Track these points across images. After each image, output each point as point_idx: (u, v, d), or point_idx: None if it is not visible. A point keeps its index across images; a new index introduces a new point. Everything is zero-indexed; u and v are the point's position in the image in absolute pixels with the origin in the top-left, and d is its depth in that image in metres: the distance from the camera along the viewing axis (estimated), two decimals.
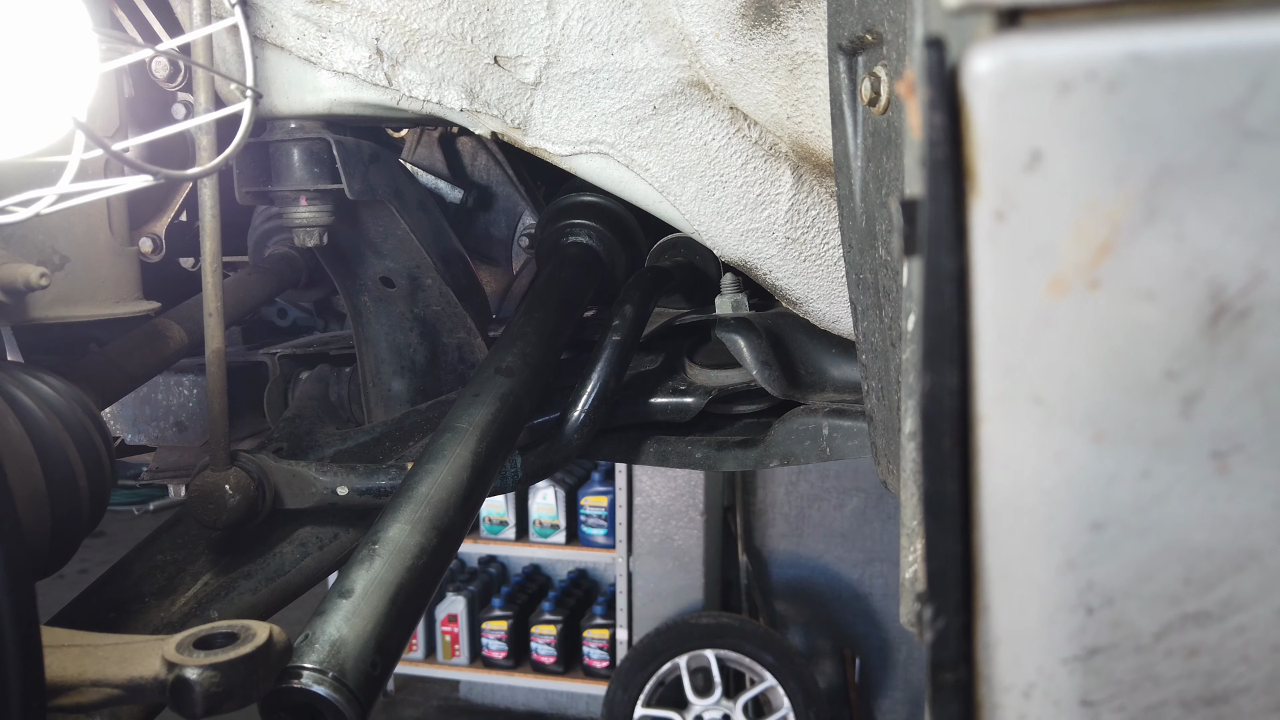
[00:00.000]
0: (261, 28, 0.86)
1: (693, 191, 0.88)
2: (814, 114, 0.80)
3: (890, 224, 0.61)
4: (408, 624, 0.63)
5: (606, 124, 0.87)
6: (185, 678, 0.50)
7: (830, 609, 3.60)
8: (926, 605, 0.30)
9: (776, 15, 0.77)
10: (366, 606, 0.60)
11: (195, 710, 0.50)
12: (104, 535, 5.56)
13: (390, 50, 0.86)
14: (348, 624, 0.59)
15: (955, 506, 0.29)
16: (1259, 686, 0.30)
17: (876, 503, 3.49)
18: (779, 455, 1.02)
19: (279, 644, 0.53)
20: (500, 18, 0.84)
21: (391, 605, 0.61)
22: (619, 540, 3.66)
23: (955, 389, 0.28)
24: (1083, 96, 0.25)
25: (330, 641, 0.57)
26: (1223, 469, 0.28)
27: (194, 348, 0.85)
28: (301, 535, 0.89)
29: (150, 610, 0.81)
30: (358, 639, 0.58)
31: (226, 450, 0.83)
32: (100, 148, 0.57)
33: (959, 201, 0.27)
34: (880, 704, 3.64)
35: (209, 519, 0.81)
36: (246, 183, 0.96)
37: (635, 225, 1.15)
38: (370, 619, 0.59)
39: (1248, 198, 0.26)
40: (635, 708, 3.25)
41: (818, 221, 0.88)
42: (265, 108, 0.90)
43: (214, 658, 0.51)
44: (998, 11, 0.26)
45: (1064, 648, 0.30)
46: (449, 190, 1.24)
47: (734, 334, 0.97)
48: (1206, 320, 0.27)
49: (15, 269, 0.68)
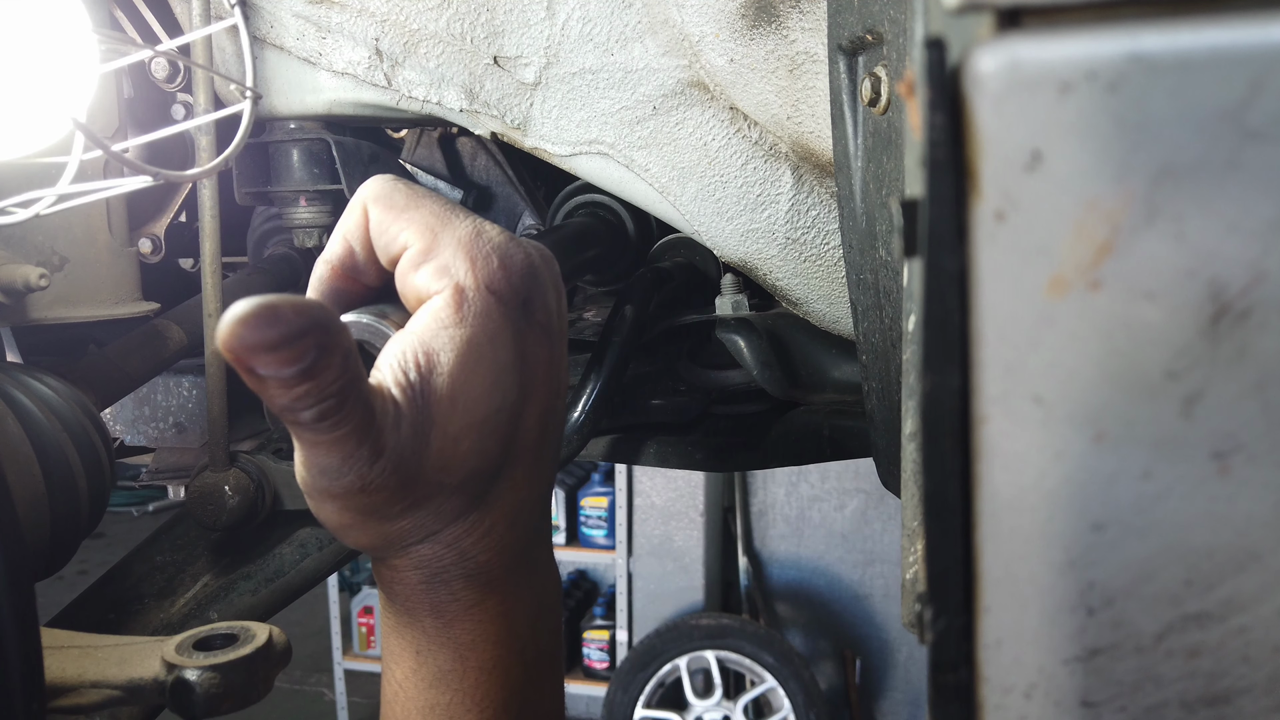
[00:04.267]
0: (261, 28, 0.86)
1: (693, 192, 0.88)
2: (814, 114, 0.80)
3: (890, 224, 0.61)
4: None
5: (606, 124, 0.87)
6: (185, 679, 0.50)
7: (830, 610, 3.59)
8: (927, 606, 0.30)
9: (776, 15, 0.77)
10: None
11: (195, 711, 0.50)
12: (104, 536, 5.56)
13: (390, 50, 0.86)
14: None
15: (956, 507, 0.29)
16: (1260, 687, 0.30)
17: (877, 504, 3.49)
18: (779, 456, 1.02)
19: (279, 645, 0.53)
20: (500, 18, 0.84)
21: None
22: (619, 541, 3.66)
23: (956, 389, 0.28)
24: (1083, 97, 0.25)
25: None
26: (1223, 469, 0.28)
27: (194, 348, 0.85)
28: (301, 536, 0.89)
29: (150, 611, 0.81)
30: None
31: (226, 451, 0.83)
32: (100, 148, 0.57)
33: (959, 202, 0.27)
34: (881, 705, 3.64)
35: (208, 520, 0.81)
36: (246, 183, 0.96)
37: (627, 218, 1.18)
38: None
39: (1248, 198, 0.26)
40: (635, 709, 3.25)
41: (818, 222, 0.88)
42: (265, 108, 0.90)
43: (214, 659, 0.51)
44: (998, 12, 0.26)
45: (1065, 648, 0.30)
46: (449, 190, 1.24)
47: (734, 334, 0.97)
48: (1207, 320, 0.26)
49: (15, 270, 0.68)
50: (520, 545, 0.48)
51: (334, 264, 0.46)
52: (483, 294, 0.43)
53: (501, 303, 0.43)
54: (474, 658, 0.46)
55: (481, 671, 0.47)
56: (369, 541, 0.44)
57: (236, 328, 0.34)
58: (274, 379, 0.36)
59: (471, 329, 0.42)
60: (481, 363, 0.42)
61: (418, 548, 0.45)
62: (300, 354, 0.36)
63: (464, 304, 0.42)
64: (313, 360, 0.36)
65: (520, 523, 0.47)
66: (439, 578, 0.45)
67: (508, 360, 0.44)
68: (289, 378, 0.36)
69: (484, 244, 0.44)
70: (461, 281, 0.42)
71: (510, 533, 0.47)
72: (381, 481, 0.40)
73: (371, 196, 0.45)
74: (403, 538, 0.44)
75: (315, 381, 0.37)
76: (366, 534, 0.44)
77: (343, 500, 0.41)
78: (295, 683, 4.42)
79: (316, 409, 0.37)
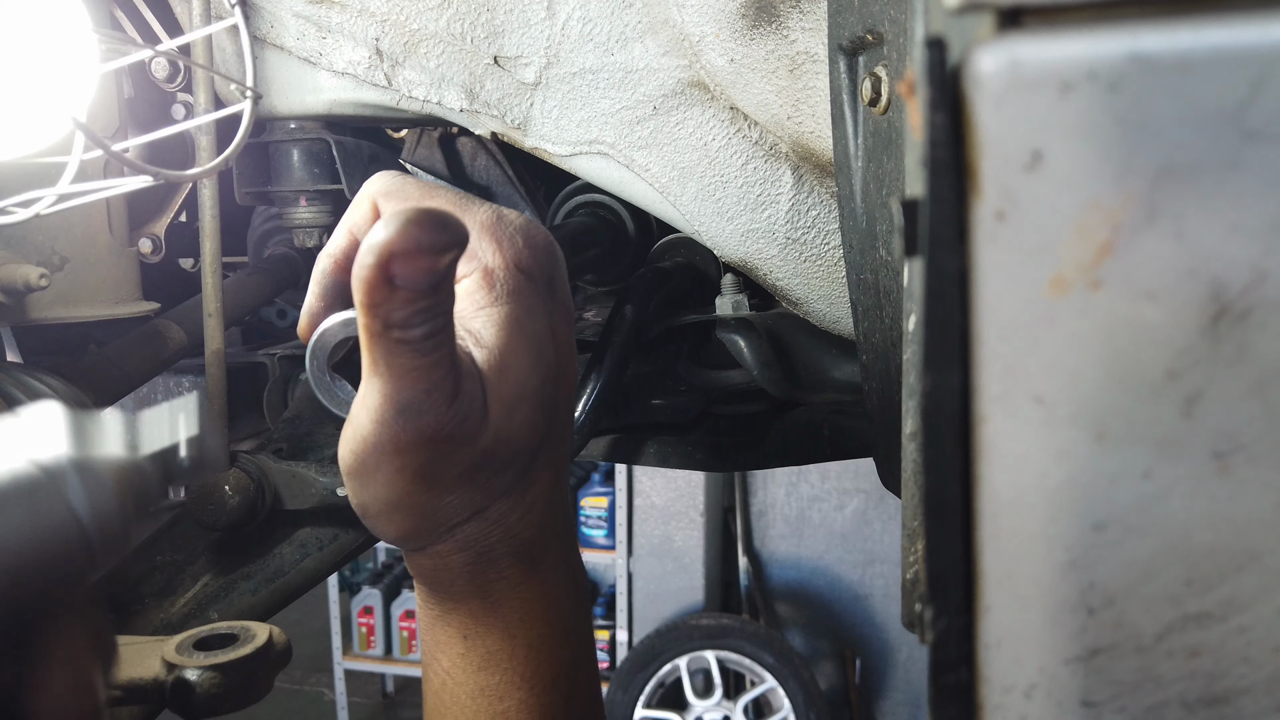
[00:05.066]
0: (261, 28, 0.86)
1: (693, 192, 0.88)
2: (814, 114, 0.80)
3: (890, 224, 0.61)
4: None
5: (607, 124, 0.87)
6: (185, 679, 0.50)
7: (831, 610, 3.59)
8: (927, 606, 0.30)
9: (777, 15, 0.77)
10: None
11: (195, 711, 0.50)
12: None
13: (390, 50, 0.86)
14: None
15: (956, 507, 0.29)
16: (1260, 687, 0.30)
17: (877, 504, 3.49)
18: (779, 456, 1.02)
19: (279, 645, 0.53)
20: (500, 18, 0.84)
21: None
22: (619, 541, 3.66)
23: (956, 389, 0.28)
24: (1083, 97, 0.25)
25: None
26: (1224, 469, 0.28)
27: (194, 348, 0.85)
28: (301, 536, 0.89)
29: (149, 611, 0.81)
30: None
31: (226, 451, 0.83)
32: (100, 148, 0.57)
33: (960, 201, 0.27)
34: (881, 705, 3.63)
35: (208, 520, 0.81)
36: (246, 183, 0.96)
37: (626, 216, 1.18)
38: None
39: (1249, 198, 0.26)
40: (635, 709, 3.25)
41: (818, 222, 0.88)
42: (265, 108, 0.90)
43: (214, 659, 0.51)
44: (999, 11, 0.26)
45: (1066, 648, 0.30)
46: None
47: (734, 334, 0.97)
48: (1208, 320, 0.26)
49: (15, 270, 0.68)
50: (557, 523, 0.48)
51: (337, 257, 0.46)
52: (512, 272, 0.44)
53: (531, 280, 0.44)
54: (522, 636, 0.47)
55: (530, 649, 0.47)
56: (414, 524, 0.44)
57: (410, 228, 0.35)
58: (408, 288, 0.36)
59: (508, 305, 0.43)
60: (523, 336, 0.43)
61: (464, 527, 0.45)
62: (447, 263, 0.36)
63: (495, 283, 0.43)
64: (446, 273, 0.37)
65: (556, 500, 0.48)
66: (485, 557, 0.46)
67: (545, 334, 0.45)
68: (424, 287, 0.36)
69: (506, 226, 0.44)
70: (490, 263, 0.43)
71: (548, 510, 0.47)
72: (452, 429, 0.40)
73: (381, 190, 0.45)
74: (449, 516, 0.44)
75: (439, 297, 0.37)
76: (414, 513, 0.43)
77: (408, 454, 0.41)
78: (295, 683, 4.42)
79: (429, 324, 0.37)
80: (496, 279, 0.43)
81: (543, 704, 0.47)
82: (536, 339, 0.44)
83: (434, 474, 0.42)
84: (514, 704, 0.47)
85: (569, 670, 0.49)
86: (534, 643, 0.47)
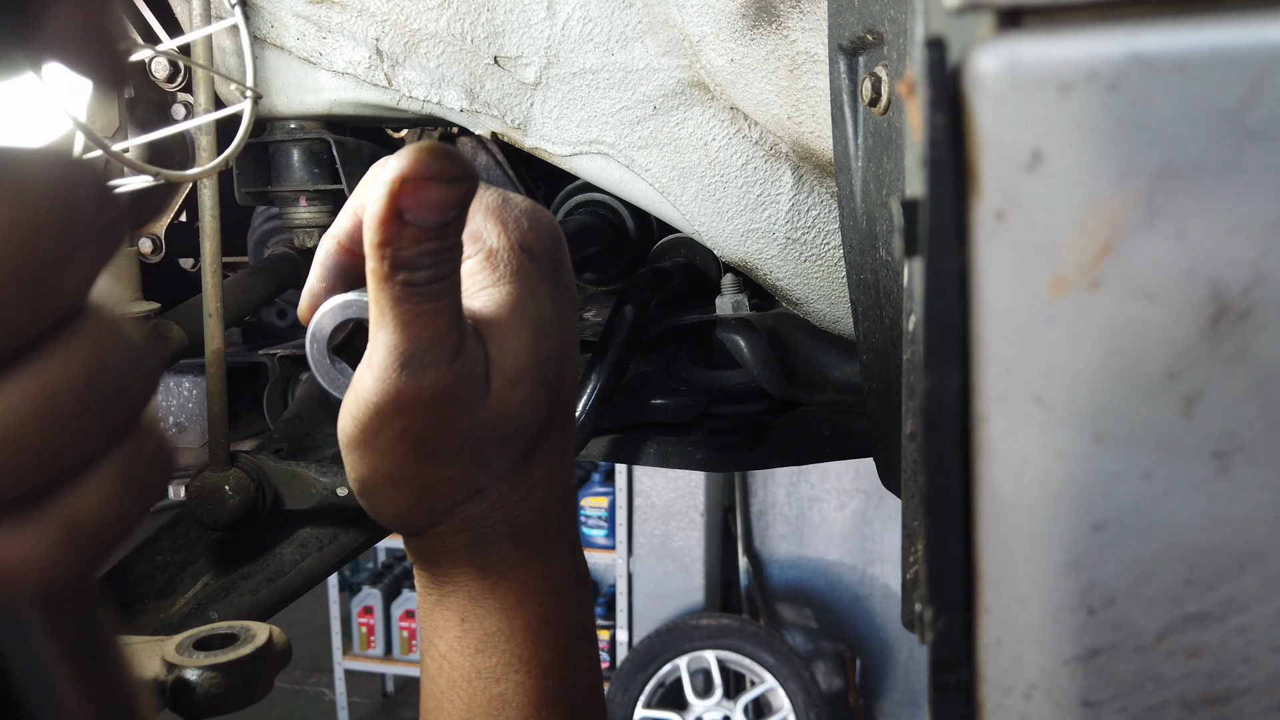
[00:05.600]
0: (261, 28, 0.86)
1: (693, 192, 0.88)
2: (814, 114, 0.80)
3: (890, 224, 0.61)
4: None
5: (607, 124, 0.87)
6: (185, 679, 0.50)
7: (831, 610, 3.59)
8: (927, 606, 0.30)
9: (777, 15, 0.77)
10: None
11: (195, 711, 0.50)
12: None
13: (390, 50, 0.86)
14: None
15: (956, 507, 0.29)
16: (1260, 687, 0.30)
17: (877, 504, 3.49)
18: (779, 456, 1.02)
19: (279, 645, 0.54)
20: (500, 18, 0.84)
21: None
22: (619, 541, 3.66)
23: (956, 389, 0.28)
24: (1083, 97, 0.25)
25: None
26: (1223, 469, 0.28)
27: (194, 348, 0.85)
28: (301, 536, 0.89)
29: (150, 611, 0.81)
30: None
31: (226, 451, 0.83)
32: (100, 148, 0.57)
33: (960, 202, 0.27)
34: (881, 705, 3.63)
35: (208, 520, 0.81)
36: (246, 183, 0.96)
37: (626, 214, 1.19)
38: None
39: (1249, 198, 0.26)
40: (635, 709, 3.25)
41: (818, 222, 0.88)
42: (265, 108, 0.90)
43: (214, 659, 0.51)
44: (998, 11, 0.26)
45: (1066, 648, 0.30)
46: None
47: (734, 334, 0.97)
48: (1208, 320, 0.27)
49: None
50: (559, 510, 0.48)
51: (342, 239, 0.46)
52: (517, 253, 0.44)
53: (535, 261, 0.45)
54: (520, 618, 0.47)
55: (528, 631, 0.47)
56: (413, 500, 0.44)
57: (421, 154, 0.36)
58: (416, 225, 0.37)
59: (511, 284, 0.43)
60: (526, 314, 0.43)
61: (464, 507, 0.45)
62: (456, 201, 0.37)
63: (499, 264, 0.43)
64: (457, 214, 0.37)
65: (559, 486, 0.48)
66: (485, 538, 0.46)
67: (549, 314, 0.45)
68: (432, 226, 0.37)
69: (511, 208, 0.45)
70: (494, 244, 0.44)
71: (550, 495, 0.47)
72: (454, 389, 0.40)
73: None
74: (449, 494, 0.44)
75: (446, 240, 0.38)
76: (413, 488, 0.43)
77: (409, 415, 0.40)
78: (295, 683, 4.42)
79: (435, 268, 0.38)
80: (500, 259, 0.43)
81: (540, 688, 0.47)
82: (540, 318, 0.44)
83: (434, 442, 0.42)
84: (511, 686, 0.46)
85: (568, 656, 0.48)
86: (532, 625, 0.47)
